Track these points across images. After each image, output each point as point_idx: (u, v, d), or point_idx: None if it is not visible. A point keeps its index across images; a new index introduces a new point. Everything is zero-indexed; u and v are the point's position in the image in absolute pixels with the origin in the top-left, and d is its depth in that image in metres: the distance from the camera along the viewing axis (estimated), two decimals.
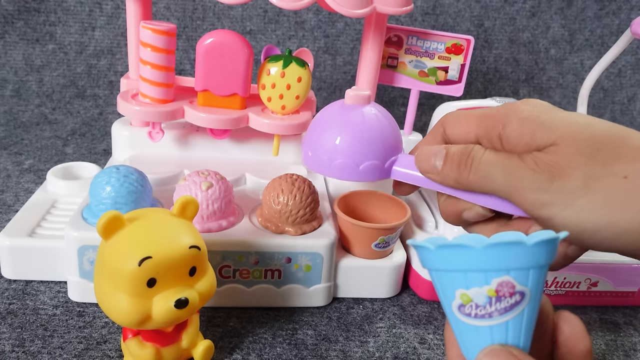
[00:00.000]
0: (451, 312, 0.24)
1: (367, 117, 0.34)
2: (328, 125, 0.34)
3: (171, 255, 0.33)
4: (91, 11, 0.91)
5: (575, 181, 0.25)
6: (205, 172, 0.45)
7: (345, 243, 0.49)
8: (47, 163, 0.70)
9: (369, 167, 0.33)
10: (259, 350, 0.42)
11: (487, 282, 0.22)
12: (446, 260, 0.23)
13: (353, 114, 0.34)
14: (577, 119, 0.27)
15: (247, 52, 0.50)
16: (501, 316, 0.22)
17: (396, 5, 0.51)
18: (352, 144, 0.33)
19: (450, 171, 0.30)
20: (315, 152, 0.34)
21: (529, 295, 0.23)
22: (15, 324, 0.42)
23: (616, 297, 0.51)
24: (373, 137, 0.33)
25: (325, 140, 0.34)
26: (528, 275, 0.22)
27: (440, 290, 0.24)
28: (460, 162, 0.29)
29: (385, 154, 0.33)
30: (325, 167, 0.34)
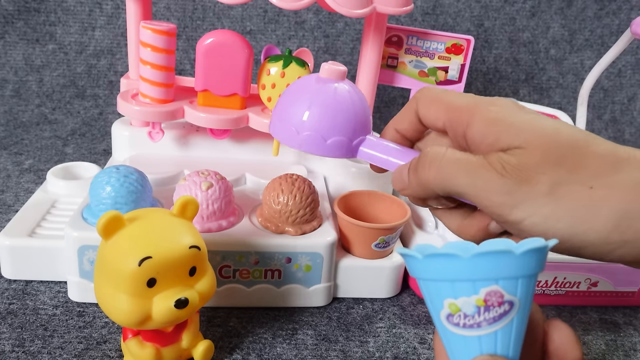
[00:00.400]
0: (440, 322, 0.24)
1: (339, 92, 0.33)
2: (299, 97, 0.34)
3: (171, 255, 0.33)
4: (91, 11, 0.91)
5: (542, 186, 0.25)
6: (205, 172, 0.45)
7: (345, 243, 0.49)
8: (47, 163, 0.70)
9: (336, 142, 0.33)
10: (259, 350, 0.42)
11: (475, 292, 0.22)
12: (434, 269, 0.23)
13: (325, 88, 0.33)
14: (544, 123, 0.26)
15: (247, 52, 0.50)
16: (490, 326, 0.22)
17: (396, 5, 0.51)
18: (321, 117, 0.33)
19: (414, 177, 0.29)
20: (283, 122, 0.34)
21: (518, 305, 0.22)
22: (15, 324, 0.42)
23: (616, 297, 0.51)
24: (343, 113, 0.33)
25: (295, 111, 0.33)
26: (517, 284, 0.22)
27: (428, 300, 0.24)
28: (419, 164, 0.29)
29: (354, 132, 0.33)
30: (292, 138, 0.34)
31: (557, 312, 0.51)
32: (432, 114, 0.31)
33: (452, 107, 0.29)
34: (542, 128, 0.26)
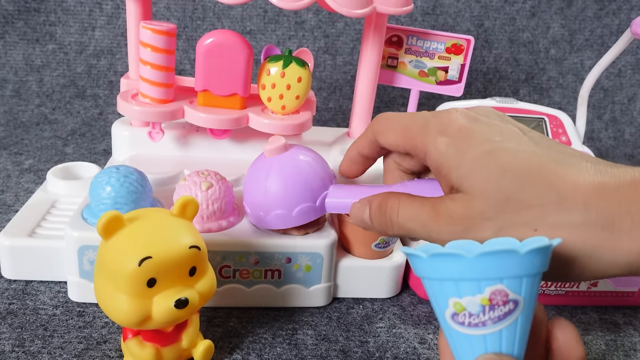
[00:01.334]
0: (444, 321, 0.24)
1: (286, 166, 0.35)
2: (256, 183, 0.36)
3: (171, 255, 0.33)
4: (91, 11, 0.91)
5: (487, 232, 0.26)
6: (205, 172, 0.45)
7: (345, 243, 0.49)
8: (47, 163, 0.70)
9: (302, 210, 0.35)
10: (259, 350, 0.42)
11: (480, 291, 0.22)
12: (438, 268, 0.23)
13: (274, 167, 0.35)
14: (489, 163, 0.27)
15: (247, 52, 0.50)
16: (495, 325, 0.22)
17: (396, 5, 0.51)
18: (278, 194, 0.35)
19: (379, 226, 0.32)
20: (252, 209, 0.37)
21: (523, 304, 0.22)
22: (15, 324, 0.42)
23: (616, 297, 0.51)
24: (297, 183, 0.35)
25: (256, 197, 0.36)
26: (521, 283, 0.22)
27: (433, 299, 0.24)
28: (381, 220, 0.31)
29: (314, 194, 0.35)
30: (263, 221, 0.37)
31: (557, 312, 0.51)
32: (391, 141, 0.33)
33: (407, 132, 0.31)
34: (486, 171, 0.27)
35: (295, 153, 0.36)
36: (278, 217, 0.35)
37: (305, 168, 0.35)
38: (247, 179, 0.38)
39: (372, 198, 0.32)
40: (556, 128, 0.59)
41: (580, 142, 0.59)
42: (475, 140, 0.28)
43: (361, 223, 0.33)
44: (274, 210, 0.35)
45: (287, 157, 0.35)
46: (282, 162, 0.35)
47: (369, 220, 0.32)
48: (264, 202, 0.35)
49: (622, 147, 0.97)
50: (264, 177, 0.36)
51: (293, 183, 0.35)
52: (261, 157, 0.37)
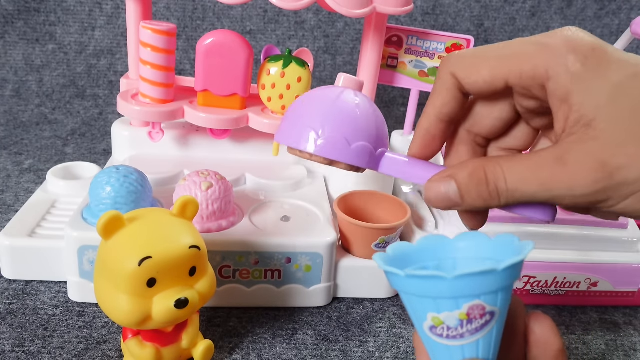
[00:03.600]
0: (422, 331, 0.24)
1: (361, 99, 0.30)
2: (318, 101, 0.31)
3: (171, 255, 0.33)
4: (91, 11, 0.91)
5: (630, 173, 0.22)
6: (205, 172, 0.45)
7: (345, 243, 0.49)
8: (47, 163, 0.70)
9: (360, 148, 0.29)
10: (259, 350, 0.42)
11: (458, 307, 0.22)
12: (416, 286, 0.23)
13: (347, 93, 0.30)
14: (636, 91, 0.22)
15: (247, 52, 0.50)
16: (472, 336, 0.23)
17: (396, 5, 0.51)
18: (344, 119, 0.29)
19: (476, 200, 0.25)
20: (297, 125, 0.30)
21: (498, 313, 0.23)
22: (15, 324, 0.42)
23: (616, 297, 0.51)
24: (366, 119, 0.30)
25: (314, 113, 0.30)
26: (497, 296, 0.23)
27: (410, 311, 0.24)
28: (479, 192, 0.25)
29: (377, 141, 0.30)
30: (308, 141, 0.29)
31: (557, 312, 0.51)
32: (482, 77, 0.26)
33: (514, 57, 0.25)
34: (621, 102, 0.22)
35: (369, 98, 0.32)
36: (334, 142, 0.29)
37: (378, 114, 0.30)
38: (305, 98, 0.32)
39: (456, 170, 0.26)
40: None
41: None
42: (615, 62, 0.23)
43: (444, 202, 0.26)
44: (332, 133, 0.29)
45: (361, 95, 0.31)
46: (358, 95, 0.30)
47: (458, 196, 0.25)
48: (321, 121, 0.29)
49: None
50: (337, 94, 0.30)
51: (365, 117, 0.29)
52: (328, 86, 0.32)
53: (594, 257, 0.49)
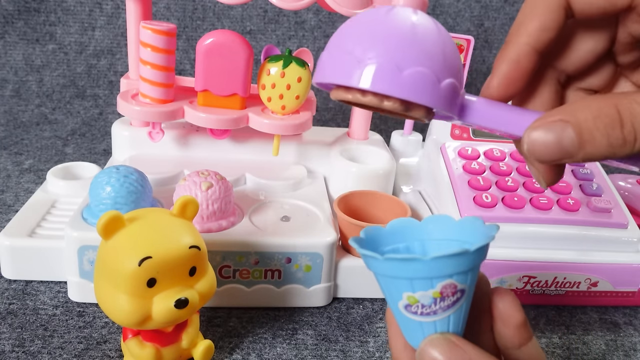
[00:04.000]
0: (397, 310, 0.25)
1: (421, 17, 0.23)
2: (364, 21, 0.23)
3: (171, 255, 0.33)
4: (91, 11, 0.91)
5: None
6: (205, 172, 0.45)
7: (345, 243, 0.49)
8: (47, 163, 0.70)
9: (416, 75, 0.21)
10: (259, 350, 0.42)
11: (432, 287, 0.24)
12: (393, 268, 0.24)
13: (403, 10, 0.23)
14: None
15: (247, 52, 0.50)
16: (444, 312, 0.24)
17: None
18: (394, 39, 0.22)
19: (601, 148, 0.20)
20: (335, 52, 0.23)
21: (467, 291, 0.25)
22: (15, 324, 0.42)
23: (616, 297, 0.51)
24: (427, 40, 0.22)
25: (356, 34, 0.22)
26: (467, 276, 0.24)
27: (385, 291, 0.26)
28: (611, 137, 0.20)
29: (443, 69, 0.22)
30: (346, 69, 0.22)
31: (557, 312, 0.51)
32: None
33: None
34: None
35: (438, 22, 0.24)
36: (379, 68, 0.21)
37: (445, 38, 0.23)
38: (352, 20, 0.24)
39: (571, 111, 0.21)
40: None
41: None
42: None
43: (555, 152, 0.21)
44: (376, 58, 0.21)
45: (424, 14, 0.23)
46: (419, 12, 0.23)
47: (576, 143, 0.20)
48: (365, 44, 0.22)
49: None
50: (385, 16, 0.23)
51: (424, 38, 0.22)
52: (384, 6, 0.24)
53: (594, 257, 0.49)
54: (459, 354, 0.23)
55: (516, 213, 0.49)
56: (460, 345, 0.24)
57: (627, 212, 0.51)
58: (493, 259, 0.48)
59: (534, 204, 0.50)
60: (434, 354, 0.24)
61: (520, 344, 0.26)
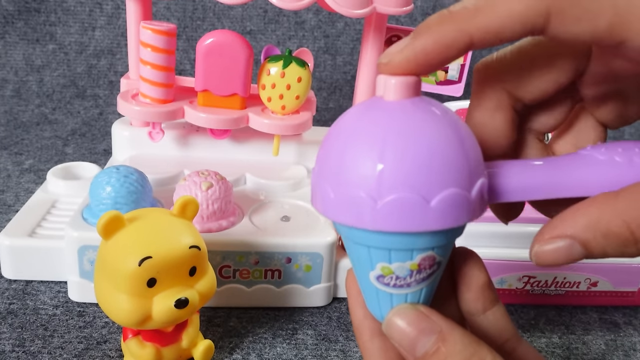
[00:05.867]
0: (366, 279, 0.23)
1: (427, 118, 0.20)
2: (363, 138, 0.20)
3: (171, 255, 0.33)
4: (91, 11, 0.91)
5: None
6: (205, 172, 0.45)
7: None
8: (47, 163, 0.70)
9: (446, 200, 0.20)
10: (259, 350, 0.42)
11: (411, 258, 0.22)
12: (372, 238, 0.21)
13: (406, 116, 0.20)
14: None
15: (247, 52, 0.50)
16: (418, 285, 0.23)
17: (396, 6, 0.51)
18: (409, 164, 0.19)
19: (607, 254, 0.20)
20: (342, 188, 0.20)
21: (443, 263, 0.23)
22: (15, 324, 0.42)
23: (616, 297, 0.51)
24: (448, 148, 0.20)
25: (362, 163, 0.20)
26: (447, 248, 0.23)
27: (355, 259, 0.23)
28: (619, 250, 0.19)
29: (470, 175, 0.20)
30: (366, 212, 0.20)
31: (557, 312, 0.51)
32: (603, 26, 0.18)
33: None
34: None
35: (434, 103, 0.21)
36: (403, 203, 0.19)
37: (460, 129, 0.20)
38: (341, 133, 0.21)
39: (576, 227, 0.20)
40: None
41: None
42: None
43: (566, 261, 0.21)
44: (396, 193, 0.19)
45: (425, 106, 0.21)
46: (422, 111, 0.20)
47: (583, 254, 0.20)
48: (372, 177, 0.19)
49: None
50: (383, 133, 0.20)
51: (442, 147, 0.19)
52: (373, 103, 0.21)
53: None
54: (428, 325, 0.22)
55: None
56: (429, 315, 0.22)
57: None
58: (493, 259, 0.48)
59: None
60: (402, 325, 0.22)
61: (485, 309, 0.25)
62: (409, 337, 0.22)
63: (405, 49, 0.20)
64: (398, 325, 0.22)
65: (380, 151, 0.20)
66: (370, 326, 0.26)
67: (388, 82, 0.21)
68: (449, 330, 0.22)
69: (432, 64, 0.20)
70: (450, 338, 0.21)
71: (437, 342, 0.21)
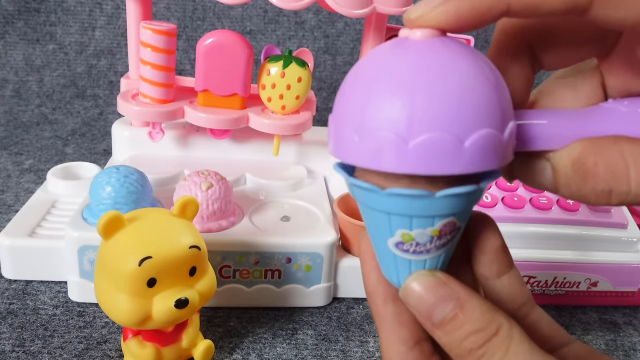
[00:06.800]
0: (384, 246, 0.22)
1: (458, 56, 0.19)
2: (390, 76, 0.19)
3: (171, 255, 0.33)
4: (91, 11, 0.91)
5: None
6: (205, 172, 0.45)
7: (345, 243, 0.49)
8: (47, 163, 0.70)
9: (481, 140, 0.19)
10: (259, 350, 0.42)
11: (432, 225, 0.21)
12: (394, 205, 0.20)
13: (434, 52, 0.19)
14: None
15: (247, 52, 0.50)
16: (437, 250, 0.22)
17: (396, 5, 0.51)
18: (445, 102, 0.18)
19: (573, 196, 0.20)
20: (368, 130, 0.19)
21: (462, 228, 0.22)
22: (15, 324, 0.42)
23: (616, 297, 0.51)
24: (479, 88, 0.19)
25: (391, 103, 0.18)
26: (467, 214, 0.22)
27: (373, 226, 0.22)
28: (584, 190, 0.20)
29: (503, 118, 0.19)
30: (397, 153, 0.19)
31: (557, 312, 0.51)
32: None
33: None
34: None
35: (462, 43, 0.20)
36: (436, 144, 0.18)
37: (492, 68, 0.20)
38: (364, 74, 0.20)
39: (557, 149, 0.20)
40: None
41: None
42: None
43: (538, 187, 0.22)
44: (429, 133, 0.18)
45: (454, 43, 0.20)
46: (449, 47, 0.19)
47: (552, 185, 0.21)
48: (402, 117, 0.18)
49: None
50: (412, 71, 0.19)
51: (475, 85, 0.19)
52: (398, 43, 0.20)
53: (594, 257, 0.49)
54: (447, 292, 0.22)
55: (516, 213, 0.49)
56: (448, 282, 0.22)
57: (627, 212, 0.51)
58: None
59: (533, 203, 0.50)
60: (420, 292, 0.22)
61: (500, 273, 0.25)
62: (427, 303, 0.22)
63: (438, 7, 0.19)
64: (416, 292, 0.22)
65: (410, 89, 0.18)
66: (384, 291, 0.25)
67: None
68: (467, 298, 0.21)
69: (463, 26, 0.19)
70: (467, 305, 0.21)
71: (455, 309, 0.21)
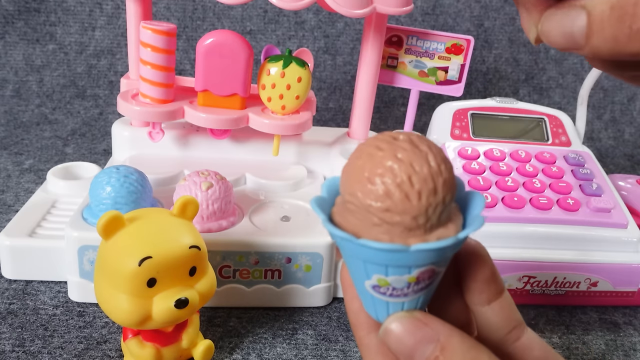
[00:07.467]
0: (362, 286, 0.23)
1: None
2: None
3: (171, 255, 0.33)
4: (91, 11, 0.91)
5: None
6: (205, 172, 0.45)
7: None
8: (47, 163, 0.70)
9: None
10: (259, 350, 0.42)
11: (409, 273, 0.21)
12: (368, 254, 0.21)
13: None
14: None
15: (247, 52, 0.50)
16: (415, 294, 0.22)
17: (396, 5, 0.51)
18: None
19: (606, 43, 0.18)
20: None
21: (442, 272, 0.22)
22: (15, 324, 0.42)
23: (616, 297, 0.51)
24: None
25: None
26: (447, 260, 0.22)
27: (352, 268, 0.23)
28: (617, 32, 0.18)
29: None
30: None
31: (557, 312, 0.51)
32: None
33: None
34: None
35: None
36: None
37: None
38: None
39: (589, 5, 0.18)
40: (556, 128, 0.59)
41: (580, 142, 0.59)
42: None
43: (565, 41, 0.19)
44: None
45: None
46: None
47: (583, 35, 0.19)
48: None
49: (622, 147, 0.97)
50: None
51: None
52: None
53: (594, 257, 0.49)
54: (426, 333, 0.21)
55: (516, 213, 0.49)
56: (427, 322, 0.22)
57: (627, 212, 0.51)
58: (493, 259, 0.48)
59: (533, 204, 0.50)
60: (399, 334, 0.22)
61: (490, 300, 0.24)
62: (407, 346, 0.22)
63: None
64: (395, 334, 0.22)
65: None
66: (367, 321, 0.25)
67: None
68: (447, 338, 0.21)
69: None
70: (448, 346, 0.21)
71: (435, 351, 0.21)
